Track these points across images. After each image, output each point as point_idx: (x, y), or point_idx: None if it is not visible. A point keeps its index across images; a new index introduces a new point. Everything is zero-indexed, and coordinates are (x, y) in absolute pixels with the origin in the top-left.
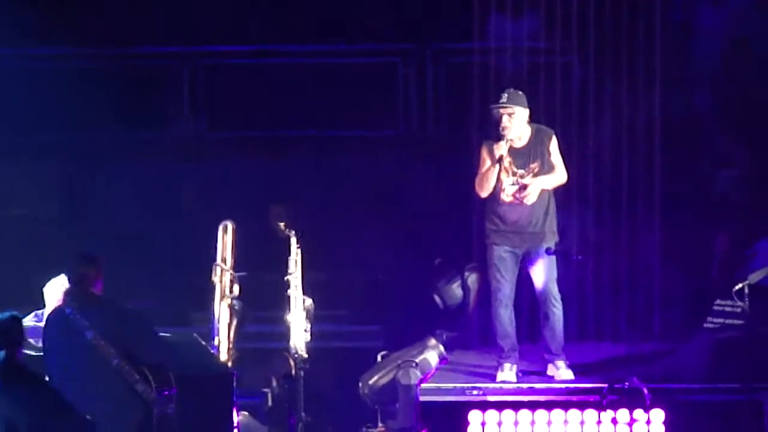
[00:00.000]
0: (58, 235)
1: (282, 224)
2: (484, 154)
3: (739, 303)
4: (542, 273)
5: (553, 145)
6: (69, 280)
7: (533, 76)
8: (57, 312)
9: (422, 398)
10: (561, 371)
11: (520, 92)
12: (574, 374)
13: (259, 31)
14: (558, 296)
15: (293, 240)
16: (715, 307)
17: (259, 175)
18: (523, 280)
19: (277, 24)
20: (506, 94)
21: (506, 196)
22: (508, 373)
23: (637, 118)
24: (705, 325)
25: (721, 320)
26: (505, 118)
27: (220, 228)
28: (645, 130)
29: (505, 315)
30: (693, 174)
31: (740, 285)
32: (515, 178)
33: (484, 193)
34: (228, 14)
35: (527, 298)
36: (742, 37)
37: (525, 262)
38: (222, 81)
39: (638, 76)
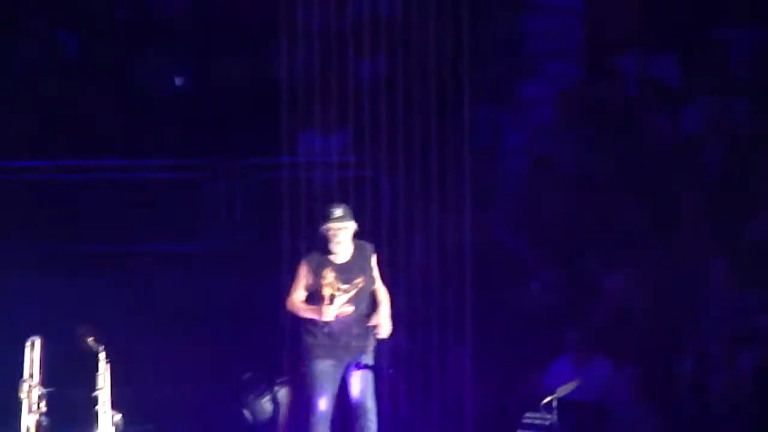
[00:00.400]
0: None
1: (90, 339)
2: (305, 270)
3: (548, 416)
4: (360, 386)
5: (374, 260)
6: None
7: (343, 191)
8: None
9: None
10: None
11: (348, 206)
12: None
13: (62, 145)
14: (375, 410)
15: (102, 355)
16: (525, 420)
17: (65, 291)
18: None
19: (84, 140)
20: (340, 209)
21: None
22: None
23: (447, 234)
24: None
25: None
26: (341, 233)
27: (27, 344)
28: (455, 246)
29: (324, 431)
30: (503, 288)
31: (549, 398)
32: (341, 294)
33: (297, 314)
34: (28, 129)
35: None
36: (545, 155)
37: (345, 376)
38: (22, 196)
39: (448, 193)
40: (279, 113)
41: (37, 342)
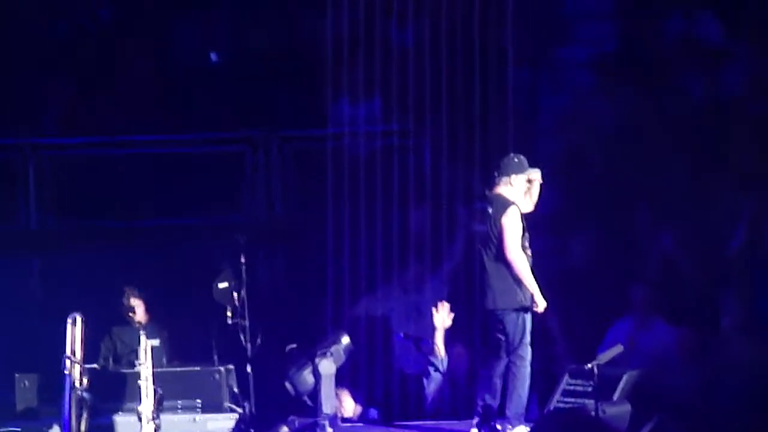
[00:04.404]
0: None
1: (132, 315)
2: (520, 218)
3: (589, 383)
4: None
5: None
6: None
7: (386, 160)
8: None
9: None
10: None
11: None
12: None
13: (105, 121)
14: None
15: (142, 331)
16: (567, 387)
17: (107, 266)
18: None
19: (122, 114)
20: None
21: None
22: None
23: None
24: (556, 405)
25: (571, 400)
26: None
27: (69, 321)
28: None
29: None
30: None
31: (590, 365)
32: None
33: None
34: (72, 104)
35: None
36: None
37: None
38: (66, 172)
39: (491, 156)
40: (319, 83)
41: (79, 318)
